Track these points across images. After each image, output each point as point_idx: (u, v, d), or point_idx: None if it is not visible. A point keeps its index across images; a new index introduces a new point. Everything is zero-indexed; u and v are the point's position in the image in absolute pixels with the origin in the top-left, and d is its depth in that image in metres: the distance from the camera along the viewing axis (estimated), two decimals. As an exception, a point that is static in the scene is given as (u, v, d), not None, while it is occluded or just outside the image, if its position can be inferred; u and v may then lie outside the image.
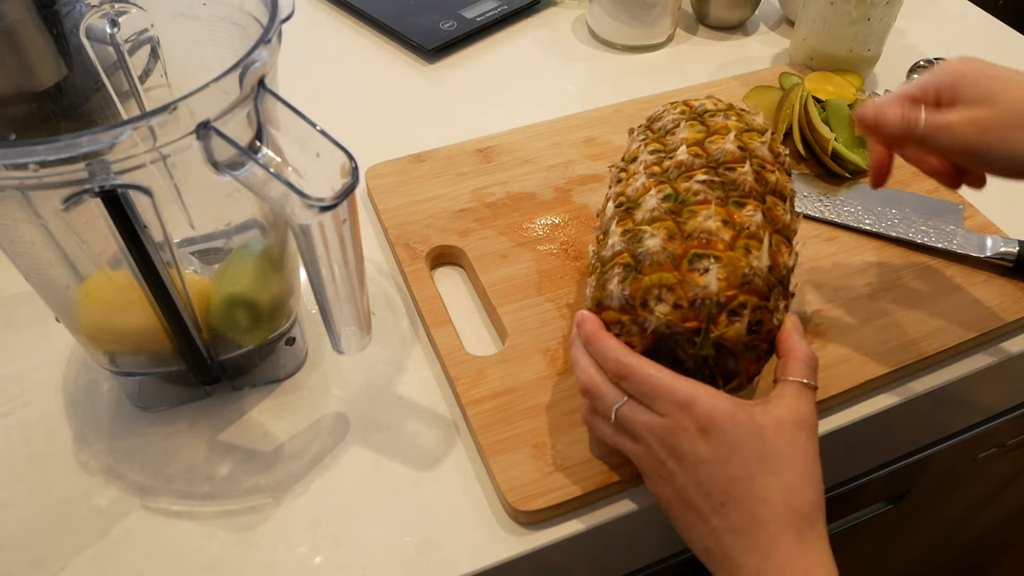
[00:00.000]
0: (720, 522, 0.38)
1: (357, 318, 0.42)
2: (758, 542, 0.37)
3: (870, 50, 0.73)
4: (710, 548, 0.38)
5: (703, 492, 0.38)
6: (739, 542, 0.37)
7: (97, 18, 0.45)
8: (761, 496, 0.37)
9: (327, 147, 0.35)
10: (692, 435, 0.38)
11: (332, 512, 0.45)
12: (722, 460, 0.38)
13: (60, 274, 0.41)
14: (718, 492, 0.38)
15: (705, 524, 0.38)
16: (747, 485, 0.37)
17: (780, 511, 0.37)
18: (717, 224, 0.41)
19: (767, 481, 0.37)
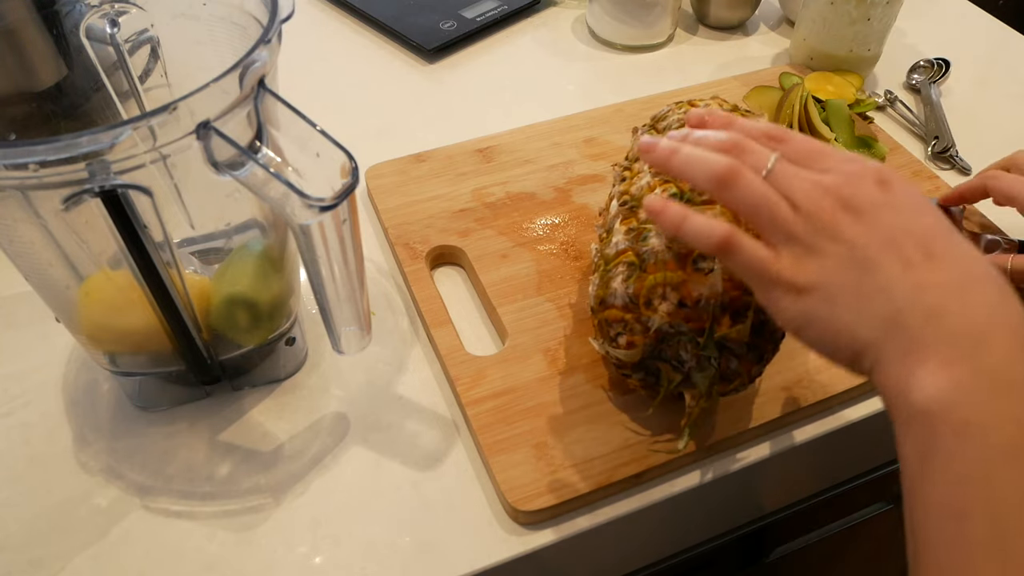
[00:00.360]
0: (926, 274, 0.30)
1: (357, 318, 0.42)
2: (978, 294, 0.30)
3: (870, 50, 0.73)
4: (901, 310, 0.30)
5: (896, 244, 0.31)
6: (953, 294, 0.30)
7: (97, 18, 0.45)
8: (968, 253, 0.31)
9: (327, 147, 0.35)
10: (870, 184, 0.32)
11: (332, 512, 0.45)
12: (914, 210, 0.32)
13: (60, 274, 0.41)
14: (916, 244, 0.31)
15: (902, 278, 0.30)
16: (950, 238, 0.31)
17: (989, 272, 0.31)
18: None
19: (963, 242, 0.31)
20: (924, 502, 0.29)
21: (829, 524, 0.73)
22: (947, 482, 0.28)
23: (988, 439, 0.28)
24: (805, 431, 0.49)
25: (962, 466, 0.28)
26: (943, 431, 0.28)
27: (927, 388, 0.29)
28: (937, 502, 0.28)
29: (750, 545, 0.68)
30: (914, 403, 0.29)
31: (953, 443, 0.28)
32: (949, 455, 0.28)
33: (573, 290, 0.55)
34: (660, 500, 0.46)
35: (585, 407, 0.48)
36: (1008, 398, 0.28)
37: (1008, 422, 0.28)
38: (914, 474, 0.29)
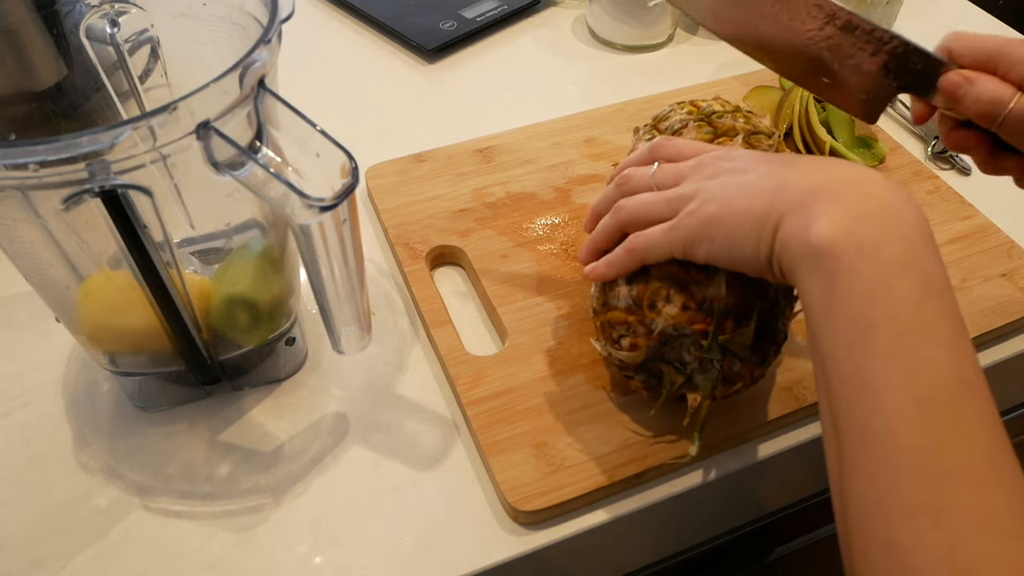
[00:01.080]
0: (799, 165, 0.37)
1: (357, 318, 0.42)
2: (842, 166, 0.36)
3: (870, 50, 0.73)
4: (783, 177, 0.36)
5: (766, 159, 0.38)
6: (823, 164, 0.36)
7: (97, 18, 0.45)
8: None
9: (327, 147, 0.35)
10: (738, 151, 0.41)
11: (332, 512, 0.45)
12: (775, 159, 0.38)
13: (60, 274, 0.41)
14: (782, 163, 0.38)
15: (780, 168, 0.37)
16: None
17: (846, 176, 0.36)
18: None
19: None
20: (832, 327, 0.32)
21: (829, 524, 0.72)
22: (852, 299, 0.31)
23: (881, 255, 0.31)
24: (805, 431, 0.49)
25: (863, 283, 0.31)
26: (844, 255, 0.32)
27: (824, 225, 0.32)
28: (844, 321, 0.31)
29: (750, 545, 0.68)
30: (815, 241, 0.32)
31: (855, 262, 0.31)
32: (851, 275, 0.31)
33: (573, 290, 0.55)
34: (660, 500, 0.46)
35: (585, 407, 0.48)
36: (891, 221, 0.32)
37: (896, 240, 0.32)
38: (821, 307, 0.32)
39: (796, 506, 0.60)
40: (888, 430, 0.29)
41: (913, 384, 0.30)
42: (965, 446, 0.29)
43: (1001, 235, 0.59)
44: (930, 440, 0.29)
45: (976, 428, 0.29)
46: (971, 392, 0.30)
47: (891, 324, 0.30)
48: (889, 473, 0.29)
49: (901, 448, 0.29)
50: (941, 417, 0.29)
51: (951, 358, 0.30)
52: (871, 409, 0.30)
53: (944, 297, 0.31)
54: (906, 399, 0.29)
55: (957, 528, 0.28)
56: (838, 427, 0.32)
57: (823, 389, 0.33)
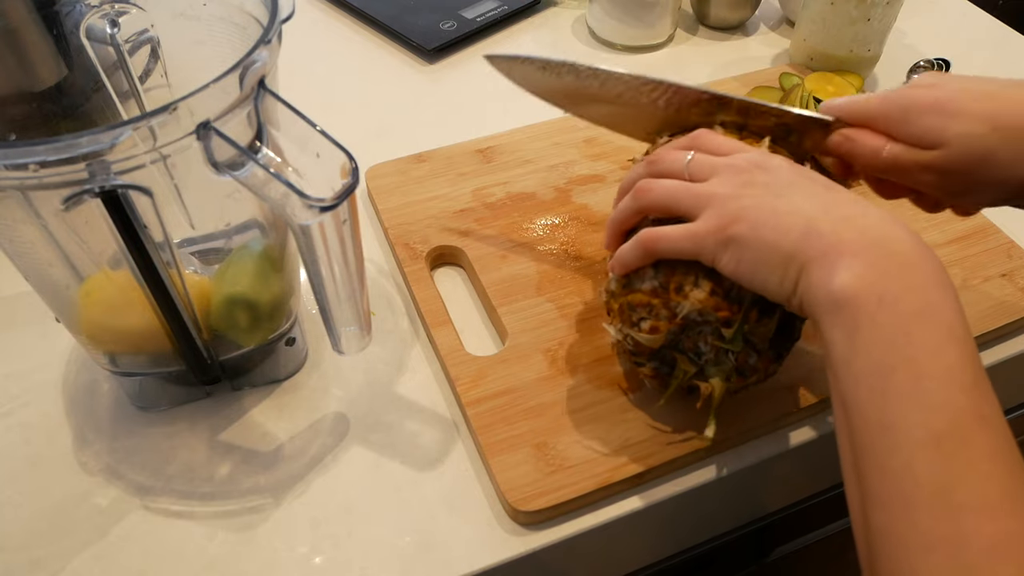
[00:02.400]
0: (830, 196, 0.37)
1: (357, 318, 0.42)
2: (871, 211, 0.36)
3: (870, 50, 0.73)
4: (813, 219, 0.36)
5: (801, 179, 0.38)
6: (853, 206, 0.37)
7: (97, 18, 0.45)
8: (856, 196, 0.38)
9: (327, 147, 0.35)
10: (773, 158, 0.40)
11: (332, 512, 0.45)
12: (811, 175, 0.39)
13: (60, 274, 0.41)
14: (816, 181, 0.38)
15: (810, 200, 0.37)
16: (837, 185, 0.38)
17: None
18: None
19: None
20: (853, 373, 0.33)
21: (829, 524, 0.73)
22: (872, 347, 0.33)
23: (900, 307, 0.33)
24: (806, 431, 0.49)
25: (883, 332, 0.33)
26: (866, 307, 0.33)
27: (847, 278, 0.34)
28: (864, 368, 0.33)
29: (750, 545, 0.68)
30: (838, 293, 0.34)
31: (875, 313, 0.33)
32: (872, 325, 0.33)
33: (573, 290, 0.55)
34: (661, 500, 0.46)
35: (585, 407, 0.48)
36: (910, 274, 0.34)
37: (915, 291, 0.33)
38: (843, 354, 0.34)
39: (796, 506, 0.60)
40: (906, 468, 0.30)
41: (930, 423, 0.31)
42: (981, 480, 0.30)
43: (1001, 235, 0.59)
44: (947, 476, 0.30)
45: (992, 463, 0.30)
46: (988, 428, 0.31)
47: (909, 368, 0.32)
48: (908, 509, 0.30)
49: (918, 484, 0.30)
50: (958, 454, 0.30)
51: (968, 398, 0.31)
52: (890, 449, 0.31)
53: (962, 342, 0.32)
54: (923, 437, 0.30)
55: (973, 559, 0.28)
56: (860, 468, 0.33)
57: (844, 432, 0.34)
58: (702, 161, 0.41)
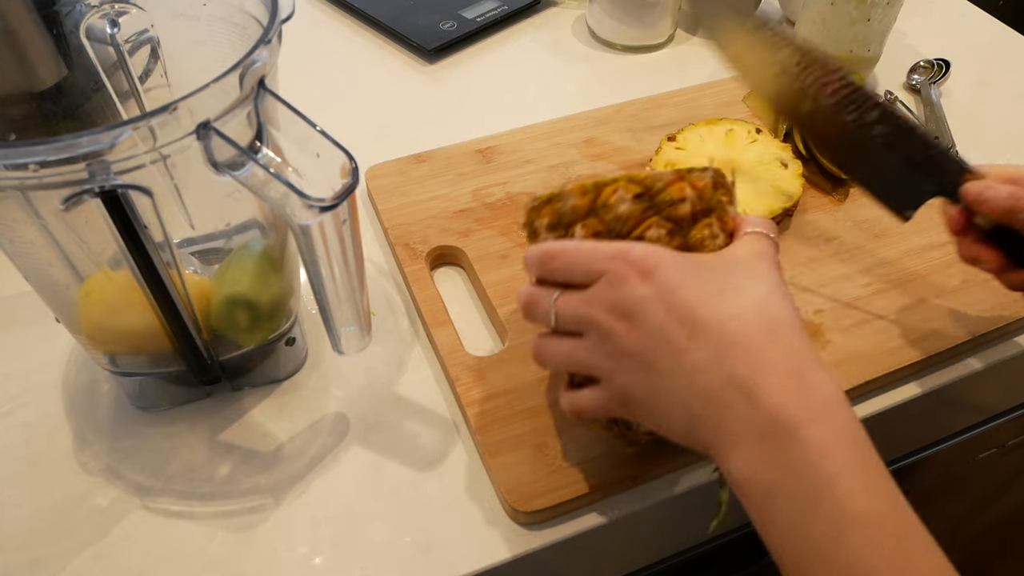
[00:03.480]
0: (694, 355, 0.34)
1: (357, 318, 0.42)
2: (736, 359, 0.33)
3: (870, 51, 0.73)
4: (689, 406, 0.34)
5: (664, 335, 0.34)
6: (714, 370, 0.33)
7: (97, 18, 0.45)
8: (729, 312, 0.34)
9: (327, 147, 0.35)
10: (635, 281, 0.35)
11: (332, 512, 0.45)
12: (673, 289, 0.34)
13: (60, 274, 0.41)
14: (680, 323, 0.34)
15: (679, 373, 0.34)
16: (709, 305, 0.34)
17: (755, 323, 0.34)
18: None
19: (731, 298, 0.34)
20: (773, 546, 0.33)
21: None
22: (780, 535, 0.33)
23: (791, 494, 0.32)
24: (805, 431, 0.49)
25: (783, 523, 0.32)
26: (759, 498, 0.33)
27: (739, 466, 0.33)
28: (780, 549, 0.33)
29: (750, 545, 0.68)
30: (737, 478, 0.34)
31: (771, 508, 0.33)
32: (771, 517, 0.33)
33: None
34: (660, 500, 0.46)
35: (585, 407, 0.48)
36: (788, 460, 0.32)
37: (795, 478, 0.32)
38: (758, 527, 0.34)
39: (796, 506, 0.60)
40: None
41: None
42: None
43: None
44: None
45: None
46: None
47: (820, 562, 0.31)
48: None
49: None
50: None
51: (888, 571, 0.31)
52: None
53: (862, 519, 0.31)
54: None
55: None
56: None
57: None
58: (567, 314, 0.38)
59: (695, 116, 0.69)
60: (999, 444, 0.75)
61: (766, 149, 0.62)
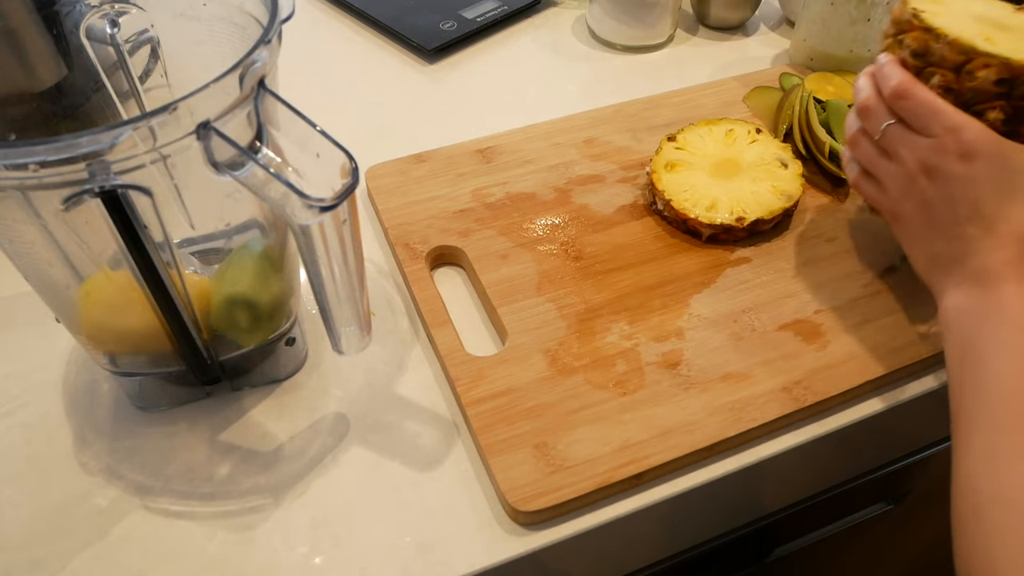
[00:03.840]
0: (960, 230, 0.41)
1: (357, 318, 0.42)
2: (991, 249, 0.40)
3: (870, 50, 0.73)
4: (939, 253, 0.42)
5: (950, 206, 0.41)
6: (973, 248, 0.40)
7: (97, 18, 0.45)
8: (1005, 215, 0.40)
9: (327, 147, 0.35)
10: (952, 157, 0.41)
11: (332, 512, 0.45)
12: (976, 180, 0.40)
13: (60, 274, 0.41)
14: (965, 206, 0.41)
15: (943, 237, 0.41)
16: (994, 205, 0.40)
17: (1018, 232, 0.40)
18: None
19: (1013, 207, 0.40)
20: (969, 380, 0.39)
21: (829, 524, 0.73)
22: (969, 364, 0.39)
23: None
24: (805, 431, 0.49)
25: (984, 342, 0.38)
26: (969, 322, 0.40)
27: (952, 303, 0.41)
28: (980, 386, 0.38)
29: (750, 545, 0.68)
30: (948, 307, 0.41)
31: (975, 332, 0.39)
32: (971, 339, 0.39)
33: (573, 290, 0.55)
34: (660, 500, 0.46)
35: (585, 407, 0.48)
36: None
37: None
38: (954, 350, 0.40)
39: (796, 506, 0.61)
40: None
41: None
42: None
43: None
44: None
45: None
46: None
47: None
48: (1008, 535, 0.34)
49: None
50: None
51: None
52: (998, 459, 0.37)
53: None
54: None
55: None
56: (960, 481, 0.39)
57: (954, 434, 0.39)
58: (892, 137, 0.45)
59: (695, 116, 0.69)
60: (999, 444, 0.75)
61: (766, 149, 0.62)
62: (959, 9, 0.51)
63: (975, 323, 0.39)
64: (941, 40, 0.46)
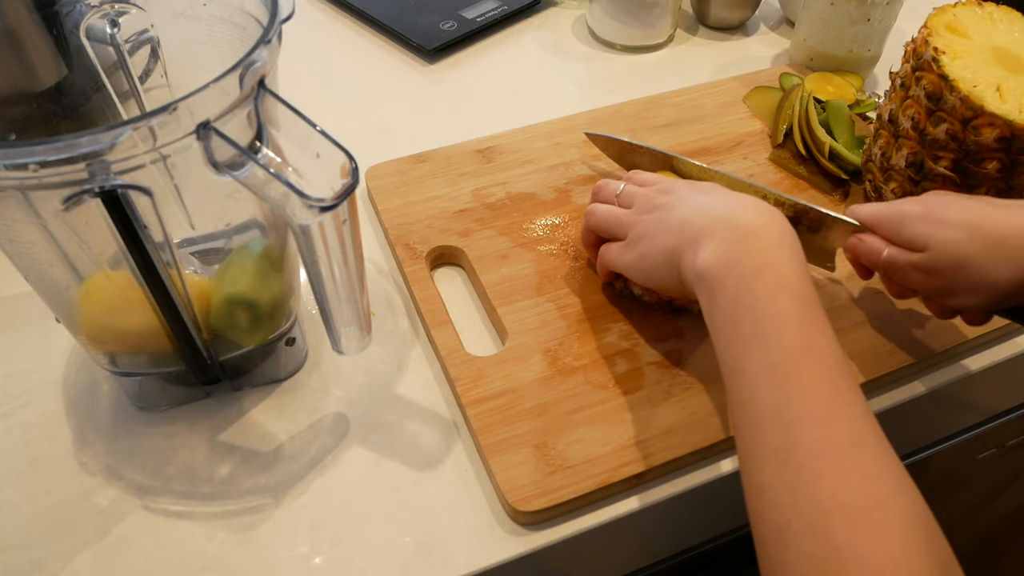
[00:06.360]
0: (698, 203, 0.46)
1: (357, 318, 0.42)
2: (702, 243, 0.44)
3: (870, 51, 0.73)
4: (684, 219, 0.45)
5: (667, 221, 0.47)
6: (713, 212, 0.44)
7: (97, 18, 0.45)
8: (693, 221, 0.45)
9: (327, 147, 0.35)
10: (679, 187, 0.49)
11: (332, 512, 0.45)
12: (679, 201, 0.47)
13: (60, 274, 0.41)
14: (676, 220, 0.46)
15: (685, 209, 0.46)
16: (689, 215, 0.46)
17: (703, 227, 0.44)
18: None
19: (694, 216, 0.45)
20: (716, 331, 0.41)
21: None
22: (724, 304, 0.40)
23: (741, 268, 0.40)
24: (805, 431, 0.49)
25: (730, 291, 0.40)
26: (717, 274, 0.41)
27: (704, 256, 0.42)
28: (721, 323, 0.40)
29: (750, 545, 0.67)
30: (699, 269, 0.42)
31: (724, 277, 0.41)
32: (723, 287, 0.41)
33: (573, 290, 0.55)
34: (660, 500, 0.46)
35: (585, 407, 0.48)
36: (751, 240, 0.41)
37: (754, 254, 0.41)
38: (709, 317, 0.41)
39: (796, 506, 0.60)
40: (751, 397, 0.37)
41: (766, 358, 0.37)
42: (807, 398, 0.35)
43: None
44: (780, 397, 0.36)
45: (818, 384, 0.36)
46: (813, 357, 0.37)
47: (751, 316, 0.39)
48: (754, 431, 0.36)
49: (760, 408, 0.36)
50: (788, 379, 0.36)
51: (797, 334, 0.37)
52: (741, 385, 0.38)
53: (792, 289, 0.39)
54: (761, 370, 0.37)
55: (800, 460, 0.34)
56: (730, 409, 0.39)
57: (726, 386, 0.40)
58: (628, 192, 0.52)
59: (695, 116, 0.69)
60: (999, 444, 0.75)
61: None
62: (981, 43, 0.53)
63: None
64: (954, 93, 0.50)
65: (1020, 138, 0.49)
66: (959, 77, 0.50)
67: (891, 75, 0.56)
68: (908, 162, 0.54)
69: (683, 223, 0.45)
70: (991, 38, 0.53)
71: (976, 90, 0.49)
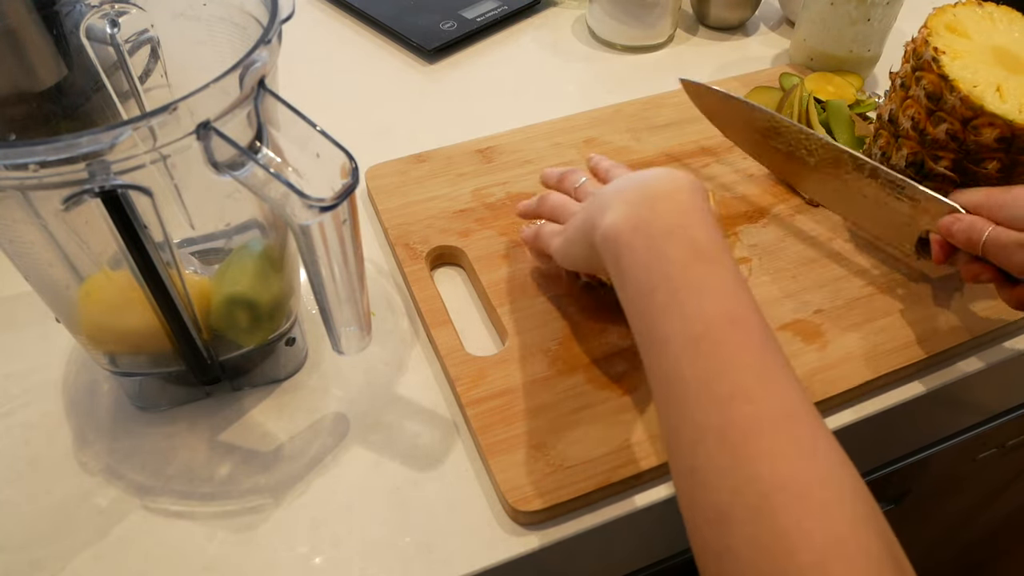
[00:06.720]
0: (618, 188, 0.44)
1: (357, 318, 0.42)
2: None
3: (870, 51, 0.73)
4: (603, 195, 0.44)
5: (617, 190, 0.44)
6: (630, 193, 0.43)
7: (97, 18, 0.45)
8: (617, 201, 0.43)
9: (327, 147, 0.35)
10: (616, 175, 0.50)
11: (332, 512, 0.45)
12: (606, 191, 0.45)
13: (60, 274, 0.41)
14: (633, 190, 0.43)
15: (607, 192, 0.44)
16: (612, 195, 0.44)
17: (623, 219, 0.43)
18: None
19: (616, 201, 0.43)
20: (626, 298, 0.39)
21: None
22: (634, 270, 0.38)
23: (651, 230, 0.39)
24: (805, 431, 0.49)
25: (639, 254, 0.38)
26: (623, 236, 0.39)
27: (609, 217, 0.41)
28: (632, 291, 0.38)
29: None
30: (605, 230, 0.41)
31: (632, 239, 0.39)
32: (631, 250, 0.39)
33: (573, 290, 0.55)
34: (660, 500, 0.46)
35: (585, 407, 0.48)
36: (661, 202, 0.40)
37: (664, 215, 0.39)
38: (617, 283, 0.40)
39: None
40: (674, 371, 0.35)
41: (688, 330, 0.35)
42: (736, 372, 0.34)
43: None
44: (707, 372, 0.34)
45: (745, 356, 0.34)
46: (739, 328, 0.35)
47: (667, 284, 0.37)
48: (681, 406, 0.34)
49: (686, 383, 0.34)
50: (714, 352, 0.34)
51: (718, 304, 0.36)
52: (660, 357, 0.36)
53: (708, 256, 0.37)
54: (683, 342, 0.35)
55: (736, 438, 0.32)
56: (650, 381, 0.37)
57: (642, 355, 0.38)
58: (585, 186, 0.51)
59: (695, 116, 0.69)
60: (999, 444, 0.75)
61: None
62: (981, 43, 0.52)
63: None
64: (954, 93, 0.50)
65: (1020, 138, 0.49)
66: (959, 77, 0.50)
67: (891, 75, 0.56)
68: (908, 162, 0.54)
69: (598, 196, 0.44)
70: (991, 38, 0.53)
71: (976, 90, 0.49)
